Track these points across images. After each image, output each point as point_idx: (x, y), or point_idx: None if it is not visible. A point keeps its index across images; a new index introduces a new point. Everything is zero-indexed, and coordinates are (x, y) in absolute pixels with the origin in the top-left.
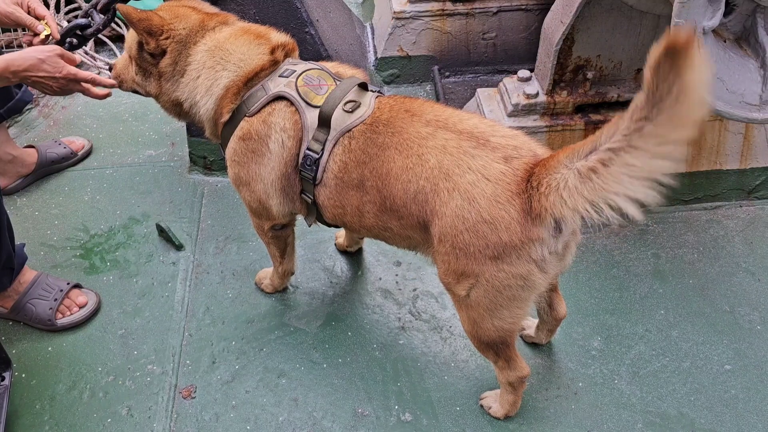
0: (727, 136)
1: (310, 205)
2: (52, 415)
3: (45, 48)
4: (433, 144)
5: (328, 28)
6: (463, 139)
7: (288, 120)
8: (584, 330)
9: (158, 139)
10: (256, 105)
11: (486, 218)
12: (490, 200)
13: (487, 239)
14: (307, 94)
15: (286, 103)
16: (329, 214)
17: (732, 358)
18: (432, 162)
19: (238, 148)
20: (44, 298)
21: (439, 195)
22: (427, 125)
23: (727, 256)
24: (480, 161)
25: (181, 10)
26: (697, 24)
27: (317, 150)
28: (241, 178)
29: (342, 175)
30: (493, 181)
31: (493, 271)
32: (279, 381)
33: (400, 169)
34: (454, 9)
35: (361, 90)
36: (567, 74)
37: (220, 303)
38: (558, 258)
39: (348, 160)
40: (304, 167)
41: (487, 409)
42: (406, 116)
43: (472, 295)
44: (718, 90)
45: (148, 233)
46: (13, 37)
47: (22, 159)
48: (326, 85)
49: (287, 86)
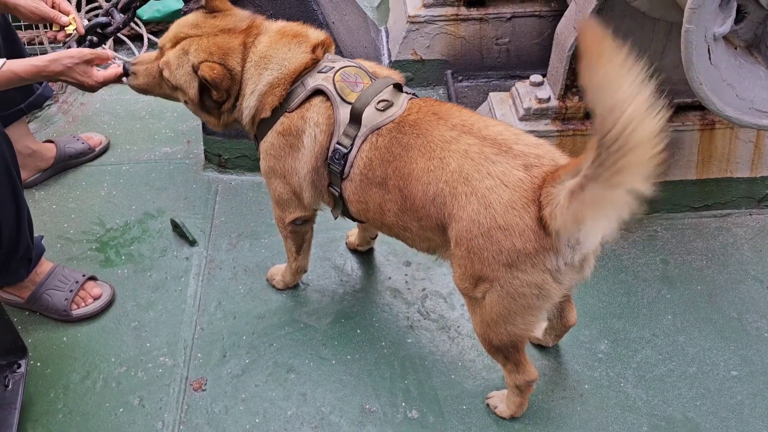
0: (738, 144)
1: (337, 199)
2: (65, 403)
3: (73, 54)
4: (455, 148)
5: (343, 30)
6: (486, 145)
7: (322, 115)
8: (591, 333)
9: (174, 137)
10: (296, 101)
11: (500, 224)
12: (505, 206)
13: (501, 245)
14: (343, 89)
15: (322, 98)
16: (354, 209)
17: (739, 364)
18: (453, 165)
19: (276, 142)
20: (60, 289)
21: (457, 198)
22: (452, 129)
23: (735, 264)
24: (500, 167)
25: (223, 42)
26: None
27: (347, 145)
28: (276, 171)
29: (366, 171)
30: (510, 188)
31: (508, 278)
32: (288, 376)
33: (421, 171)
34: (468, 14)
35: (395, 90)
36: (579, 80)
37: (231, 298)
38: (575, 270)
39: (373, 157)
40: (332, 161)
41: (493, 408)
42: (432, 119)
43: (487, 299)
44: (728, 96)
45: (162, 228)
46: (34, 35)
47: (41, 153)
48: (362, 83)
49: (325, 80)
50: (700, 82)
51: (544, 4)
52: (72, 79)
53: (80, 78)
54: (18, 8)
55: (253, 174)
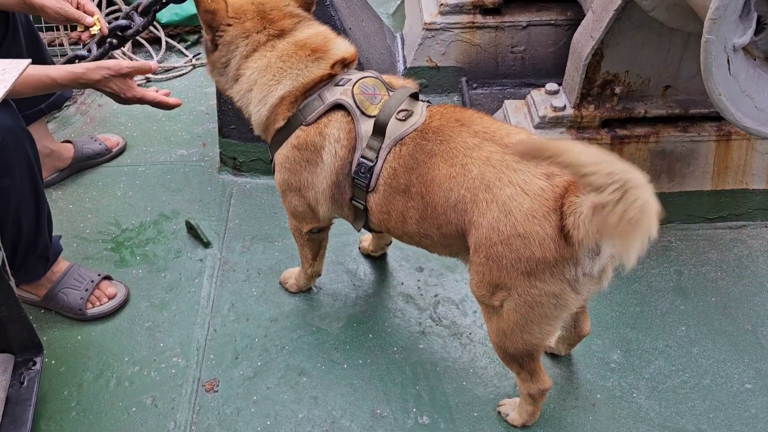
0: (754, 155)
1: (360, 211)
2: (79, 401)
3: (113, 66)
4: (477, 155)
5: (360, 36)
6: (509, 152)
7: (343, 131)
8: (604, 343)
9: (190, 140)
10: (313, 114)
11: (520, 232)
12: (526, 215)
13: (520, 253)
14: (362, 102)
15: (343, 113)
16: (375, 219)
17: (753, 377)
18: (474, 172)
19: (291, 155)
20: (76, 288)
21: (478, 205)
22: (475, 136)
23: (750, 276)
24: (522, 175)
25: (245, 9)
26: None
27: (372, 158)
28: (290, 185)
29: (391, 180)
30: (531, 196)
31: (526, 287)
32: (300, 379)
33: (443, 177)
34: (483, 22)
35: (412, 99)
36: (595, 89)
37: (244, 300)
38: (593, 280)
39: (397, 166)
40: (357, 175)
41: (505, 416)
42: (455, 125)
43: (504, 308)
44: (747, 107)
45: (177, 230)
46: (55, 36)
47: (59, 153)
48: (380, 94)
49: (343, 94)
50: (719, 92)
51: (560, 13)
52: (108, 89)
53: (116, 89)
54: (44, 8)
55: (267, 177)
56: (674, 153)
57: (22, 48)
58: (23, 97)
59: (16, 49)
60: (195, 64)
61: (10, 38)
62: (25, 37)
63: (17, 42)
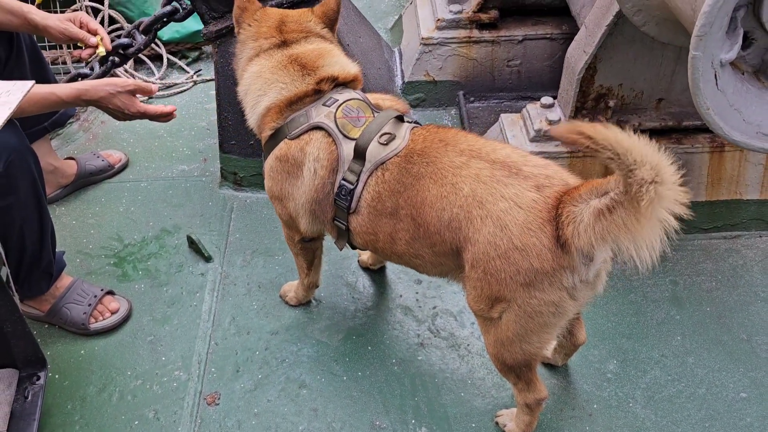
0: (747, 166)
1: (342, 231)
2: (82, 415)
3: (118, 82)
4: (467, 173)
5: (358, 52)
6: (496, 168)
7: (323, 151)
8: (600, 353)
9: (191, 155)
10: (296, 130)
11: (518, 245)
12: (521, 227)
13: (518, 266)
14: (344, 126)
15: (323, 133)
16: (361, 240)
17: (748, 386)
18: (466, 190)
19: (275, 165)
20: (79, 303)
21: (473, 222)
22: (461, 154)
23: (745, 285)
24: (512, 189)
25: (270, 16)
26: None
27: (352, 181)
28: (274, 192)
29: (375, 204)
30: (525, 209)
31: (525, 298)
32: (300, 391)
33: (434, 198)
34: (480, 36)
35: (397, 122)
36: (589, 102)
37: (245, 314)
38: (589, 286)
39: (382, 190)
40: (339, 197)
41: (503, 426)
42: (440, 146)
43: (503, 319)
44: (735, 121)
45: (179, 245)
46: (58, 54)
47: (62, 170)
48: (364, 117)
49: (326, 116)
50: (707, 107)
51: (556, 27)
52: (112, 106)
53: (120, 105)
54: (48, 29)
55: None
56: None
57: (26, 68)
58: (28, 115)
59: (20, 69)
60: (196, 80)
61: (15, 58)
62: (29, 57)
63: (21, 62)
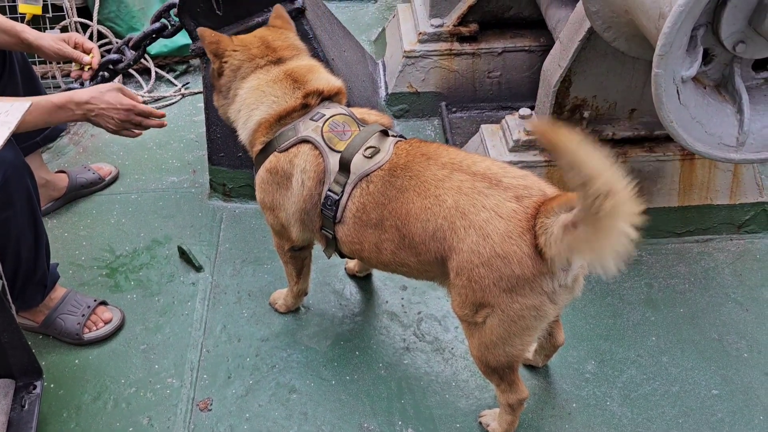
0: (717, 173)
1: (330, 240)
2: (78, 423)
3: (105, 84)
4: (449, 185)
5: (342, 66)
6: (477, 180)
7: (310, 163)
8: (579, 354)
9: (180, 167)
10: (285, 143)
11: (499, 253)
12: (503, 236)
13: (501, 272)
14: (331, 139)
15: (311, 146)
16: (347, 249)
17: (719, 383)
18: (449, 202)
19: (265, 177)
20: (73, 313)
21: (456, 232)
22: (443, 168)
23: (716, 287)
24: (493, 200)
25: (250, 40)
26: (675, 74)
27: (338, 192)
28: (265, 203)
29: (360, 215)
30: (505, 219)
31: (508, 303)
32: (290, 396)
33: (419, 210)
34: (461, 49)
35: (382, 136)
36: (565, 113)
37: (236, 322)
38: (568, 290)
39: (366, 202)
40: (325, 207)
41: (486, 426)
42: (422, 160)
43: (487, 324)
44: (698, 133)
45: (169, 255)
46: (47, 69)
47: (54, 183)
48: (350, 130)
49: (314, 131)
50: (671, 120)
51: (534, 40)
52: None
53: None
54: (42, 48)
55: (256, 202)
56: (642, 172)
57: (18, 86)
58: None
59: (12, 86)
60: (184, 93)
61: (7, 76)
62: (21, 74)
63: (14, 79)
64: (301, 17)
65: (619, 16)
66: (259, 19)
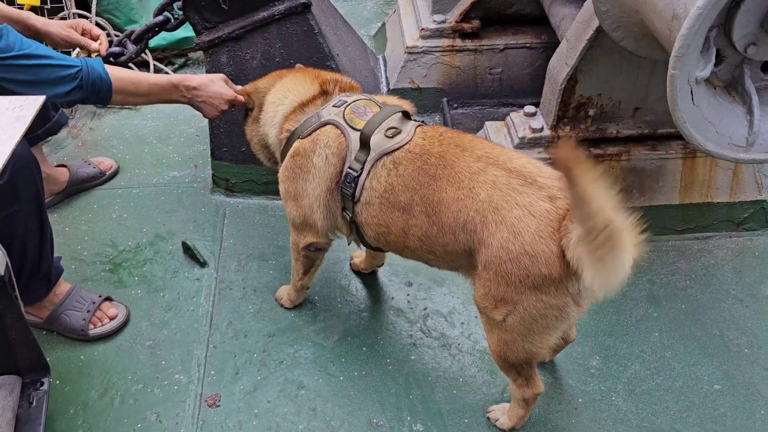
0: (718, 171)
1: (350, 223)
2: (85, 419)
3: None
4: (484, 179)
5: (346, 61)
6: (512, 176)
7: (332, 139)
8: (584, 350)
9: (181, 161)
10: (308, 129)
11: (528, 251)
12: (533, 235)
13: (528, 270)
14: (352, 120)
15: (332, 126)
16: (372, 233)
17: (721, 378)
18: (483, 195)
19: (289, 164)
20: (78, 309)
21: (488, 226)
22: (478, 161)
23: (717, 284)
24: (527, 198)
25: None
26: (690, 75)
27: (357, 169)
28: (290, 193)
29: (389, 195)
30: (537, 218)
31: (532, 301)
32: (299, 392)
33: (451, 200)
34: (463, 45)
35: (404, 118)
36: (570, 111)
37: (242, 317)
38: (592, 294)
39: (396, 184)
40: (344, 184)
41: (494, 421)
42: (456, 150)
43: (509, 320)
44: (709, 133)
45: (173, 250)
46: None
47: (55, 177)
48: (371, 112)
49: (336, 115)
50: (684, 120)
51: (535, 37)
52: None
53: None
54: (50, 35)
55: (259, 198)
56: (644, 170)
57: None
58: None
59: None
60: None
61: None
62: None
63: None
64: (306, 12)
65: (628, 16)
66: (263, 14)
